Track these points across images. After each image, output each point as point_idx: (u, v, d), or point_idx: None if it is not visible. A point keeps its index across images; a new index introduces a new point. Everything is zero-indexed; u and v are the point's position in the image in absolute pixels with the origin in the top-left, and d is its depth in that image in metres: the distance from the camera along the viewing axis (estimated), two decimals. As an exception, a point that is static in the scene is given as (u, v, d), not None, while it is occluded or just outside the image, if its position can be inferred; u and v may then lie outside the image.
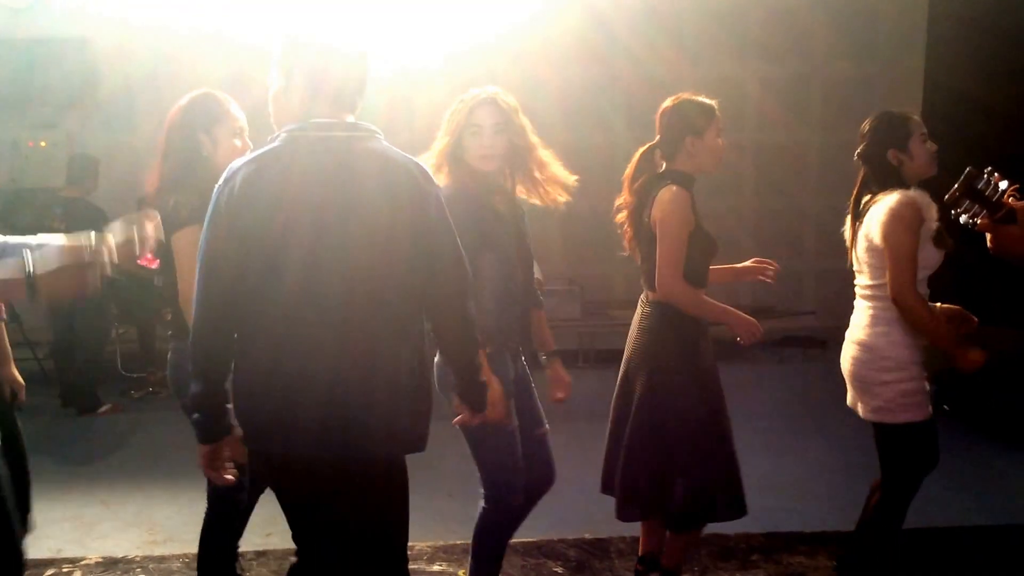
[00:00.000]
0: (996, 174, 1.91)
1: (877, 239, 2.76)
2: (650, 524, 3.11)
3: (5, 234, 1.96)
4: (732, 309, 2.90)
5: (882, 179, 2.85)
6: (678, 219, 2.79)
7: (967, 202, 1.91)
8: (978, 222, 1.94)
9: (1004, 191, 1.89)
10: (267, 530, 3.60)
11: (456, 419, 2.53)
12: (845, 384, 2.99)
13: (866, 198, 2.89)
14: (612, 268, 2.66)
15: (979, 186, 1.90)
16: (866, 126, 2.93)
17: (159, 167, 2.71)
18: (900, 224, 2.70)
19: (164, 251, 2.65)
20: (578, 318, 7.24)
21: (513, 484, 2.85)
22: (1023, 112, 5.57)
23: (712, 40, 7.72)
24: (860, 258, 2.90)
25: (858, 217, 2.91)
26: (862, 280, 2.93)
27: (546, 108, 7.27)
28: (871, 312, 2.87)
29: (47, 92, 7.24)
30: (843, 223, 3.05)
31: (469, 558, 2.97)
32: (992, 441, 5.08)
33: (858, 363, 2.88)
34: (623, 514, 3.00)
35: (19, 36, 7.19)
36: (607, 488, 3.07)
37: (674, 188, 2.82)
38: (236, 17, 6.00)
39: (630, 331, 3.06)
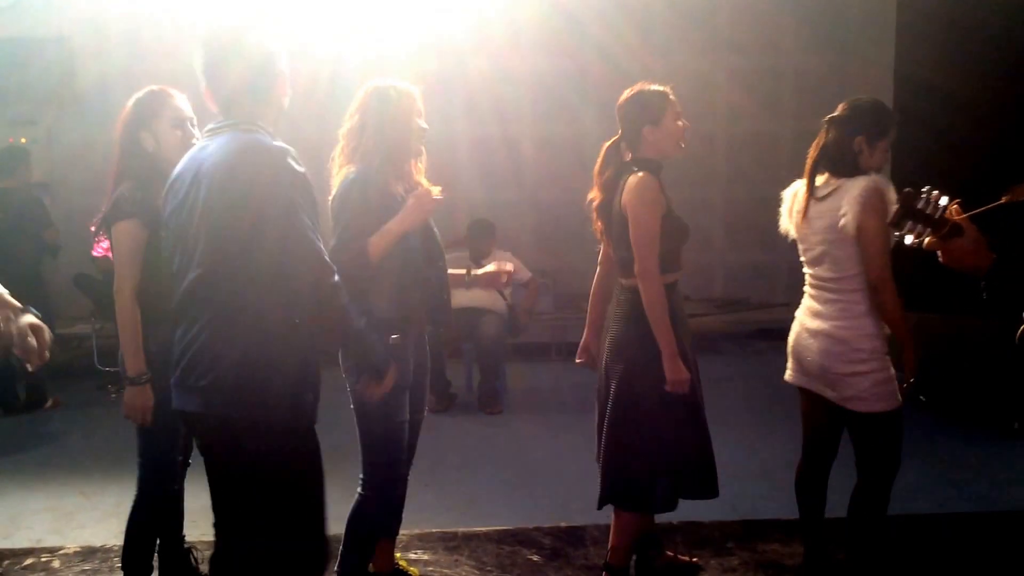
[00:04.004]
0: (934, 192, 1.93)
1: (850, 230, 2.75)
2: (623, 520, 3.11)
3: None
4: (676, 349, 2.82)
5: (838, 159, 2.85)
6: (649, 203, 2.83)
7: (909, 223, 1.94)
8: (925, 241, 1.96)
9: (945, 207, 1.93)
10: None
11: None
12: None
13: (826, 181, 2.87)
14: (584, 260, 2.67)
15: (919, 206, 1.93)
16: (852, 102, 2.89)
17: (115, 162, 2.87)
18: (874, 215, 2.71)
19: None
20: (550, 311, 7.19)
21: (395, 477, 2.89)
22: (991, 104, 5.65)
23: (681, 33, 7.74)
24: (823, 251, 2.88)
25: (813, 195, 2.89)
26: (822, 272, 2.91)
27: (515, 100, 7.24)
28: (840, 305, 2.86)
29: (26, 89, 7.27)
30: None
31: (340, 547, 2.90)
32: (968, 430, 5.11)
33: (829, 356, 2.87)
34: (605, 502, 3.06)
35: (-2, 35, 7.19)
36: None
37: (641, 174, 2.86)
38: (210, 14, 6.09)
39: (606, 322, 3.08)
